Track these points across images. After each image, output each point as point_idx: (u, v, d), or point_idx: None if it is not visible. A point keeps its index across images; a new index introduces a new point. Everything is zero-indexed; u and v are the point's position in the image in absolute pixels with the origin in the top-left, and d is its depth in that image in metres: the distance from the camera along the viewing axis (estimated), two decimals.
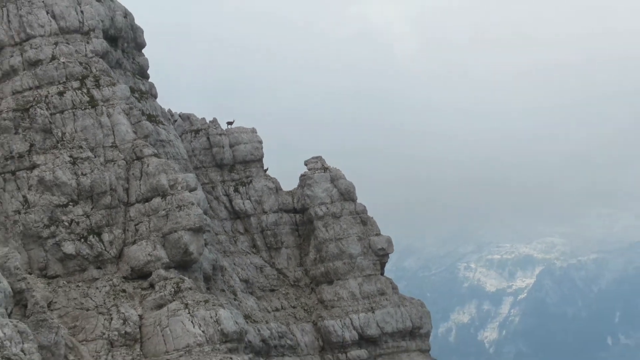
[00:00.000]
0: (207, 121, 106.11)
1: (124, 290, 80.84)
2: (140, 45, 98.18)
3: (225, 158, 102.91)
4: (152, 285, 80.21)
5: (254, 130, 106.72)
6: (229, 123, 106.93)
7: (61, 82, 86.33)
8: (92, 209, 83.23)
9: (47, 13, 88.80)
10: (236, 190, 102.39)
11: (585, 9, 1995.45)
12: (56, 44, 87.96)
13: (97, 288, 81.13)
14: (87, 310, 78.89)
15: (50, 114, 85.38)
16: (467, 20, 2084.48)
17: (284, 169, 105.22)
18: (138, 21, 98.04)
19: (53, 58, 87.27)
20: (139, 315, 78.13)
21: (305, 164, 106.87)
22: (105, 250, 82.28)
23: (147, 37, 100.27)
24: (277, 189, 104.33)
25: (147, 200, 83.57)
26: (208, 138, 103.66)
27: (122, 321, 77.30)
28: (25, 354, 58.33)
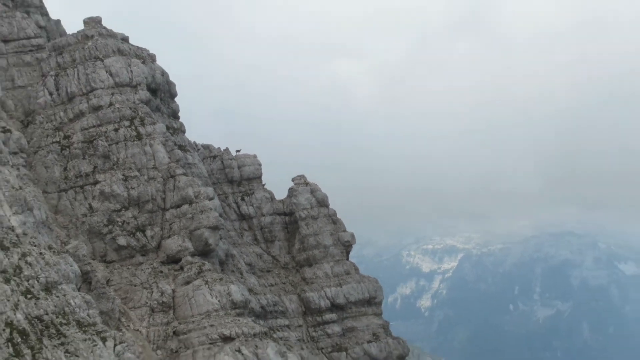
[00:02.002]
0: (222, 150, 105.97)
1: (161, 271, 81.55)
2: (173, 95, 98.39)
3: (235, 176, 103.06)
4: (181, 268, 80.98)
5: (255, 156, 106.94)
6: (237, 151, 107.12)
7: (116, 121, 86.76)
8: (138, 213, 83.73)
9: (106, 72, 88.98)
10: (242, 199, 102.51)
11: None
12: (112, 94, 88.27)
13: (142, 270, 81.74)
14: (135, 285, 79.74)
15: (109, 145, 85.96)
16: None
17: (277, 184, 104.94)
18: (172, 77, 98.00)
19: (110, 104, 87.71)
20: (172, 289, 79.01)
21: (292, 180, 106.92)
22: (148, 242, 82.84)
23: (178, 88, 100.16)
24: (272, 198, 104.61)
25: (178, 206, 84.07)
26: (222, 162, 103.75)
27: (160, 294, 78.12)
28: (90, 317, 58.67)
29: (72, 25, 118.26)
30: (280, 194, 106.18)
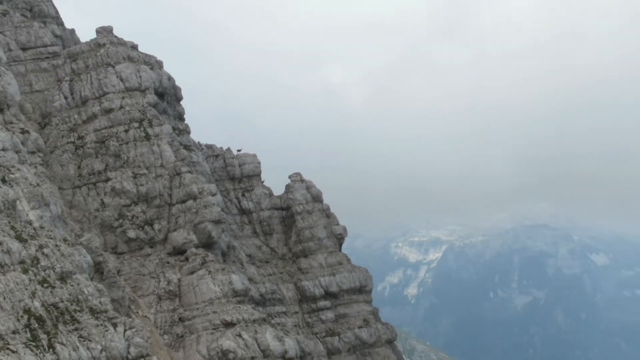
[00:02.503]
0: (224, 149, 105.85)
1: (168, 262, 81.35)
2: (179, 98, 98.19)
3: (236, 174, 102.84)
4: (187, 259, 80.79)
5: (255, 155, 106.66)
6: (238, 150, 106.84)
7: (126, 123, 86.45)
8: (147, 207, 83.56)
9: (117, 77, 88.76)
10: (243, 195, 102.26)
11: None
12: (123, 97, 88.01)
13: (150, 260, 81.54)
14: (143, 275, 79.60)
15: (119, 145, 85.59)
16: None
17: (274, 181, 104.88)
18: (178, 82, 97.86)
19: (121, 107, 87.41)
20: (178, 278, 78.91)
21: (289, 178, 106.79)
22: (155, 235, 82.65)
23: (183, 92, 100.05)
24: (270, 194, 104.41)
25: (184, 201, 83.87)
26: (224, 160, 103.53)
27: (166, 282, 77.98)
28: (101, 304, 58.67)
29: (86, 34, 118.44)
30: (278, 190, 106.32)
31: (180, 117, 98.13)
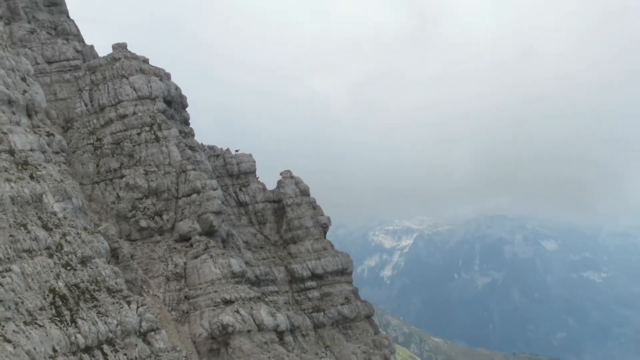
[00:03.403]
0: (223, 149, 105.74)
1: (175, 248, 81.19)
2: (184, 105, 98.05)
3: (234, 171, 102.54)
4: (191, 245, 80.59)
5: (250, 155, 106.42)
6: (236, 151, 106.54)
7: (139, 127, 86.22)
8: (156, 200, 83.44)
9: (130, 87, 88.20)
10: (240, 189, 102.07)
11: None
12: (136, 105, 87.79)
13: (159, 246, 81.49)
14: (153, 259, 79.52)
15: (132, 146, 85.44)
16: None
17: (267, 177, 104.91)
18: (184, 92, 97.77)
19: (134, 113, 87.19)
20: (183, 262, 78.64)
21: (281, 175, 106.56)
22: (164, 224, 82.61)
23: (188, 100, 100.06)
24: (264, 189, 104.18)
25: (189, 195, 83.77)
26: (224, 159, 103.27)
27: (174, 265, 77.84)
28: (117, 285, 58.83)
29: (103, 49, 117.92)
30: (271, 185, 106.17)
31: (185, 122, 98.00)
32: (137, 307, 60.25)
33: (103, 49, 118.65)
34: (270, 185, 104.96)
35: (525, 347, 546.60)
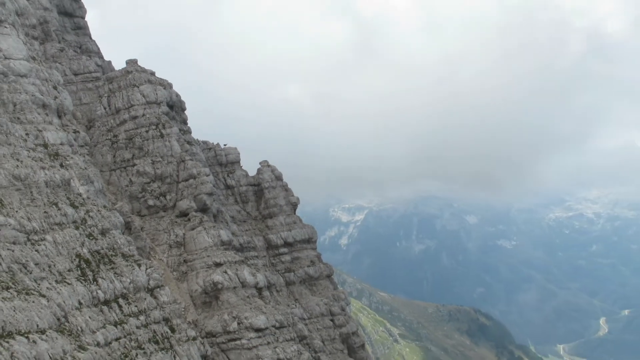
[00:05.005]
0: (214, 144, 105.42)
1: (176, 222, 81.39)
2: (183, 109, 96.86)
3: (223, 161, 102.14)
4: (189, 219, 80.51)
5: (236, 148, 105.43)
6: (225, 145, 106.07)
7: (147, 126, 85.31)
8: (161, 184, 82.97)
9: (140, 94, 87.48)
10: (227, 175, 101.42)
11: None
12: (144, 108, 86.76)
13: (163, 220, 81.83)
14: (159, 231, 79.88)
15: (142, 141, 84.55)
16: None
17: (249, 166, 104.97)
18: (183, 97, 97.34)
19: (143, 115, 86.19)
20: (183, 233, 78.46)
21: (260, 164, 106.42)
22: (167, 203, 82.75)
23: (187, 104, 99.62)
24: (247, 175, 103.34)
25: (187, 180, 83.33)
26: (215, 152, 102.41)
27: (175, 236, 77.93)
28: (130, 251, 60.88)
29: (119, 63, 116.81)
30: (252, 172, 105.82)
31: (184, 122, 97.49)
32: (146, 269, 60.21)
33: (119, 63, 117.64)
34: (252, 171, 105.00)
35: (452, 299, 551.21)
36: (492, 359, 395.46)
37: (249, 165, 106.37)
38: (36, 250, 48.66)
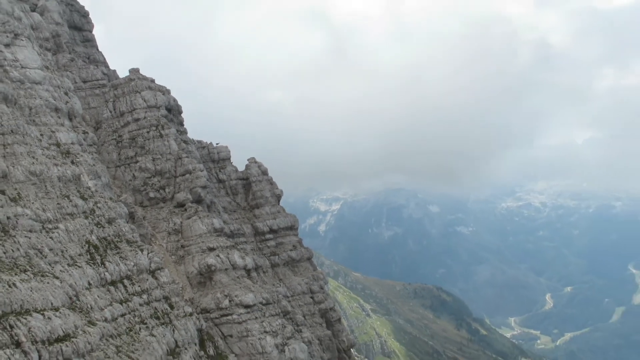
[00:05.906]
0: (208, 143, 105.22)
1: (174, 212, 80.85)
2: (180, 112, 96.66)
3: (215, 158, 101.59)
4: (185, 209, 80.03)
5: (227, 146, 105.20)
6: (217, 144, 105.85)
7: (148, 127, 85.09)
8: (161, 178, 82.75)
9: (142, 99, 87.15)
10: (219, 171, 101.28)
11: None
12: (145, 111, 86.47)
13: (163, 211, 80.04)
14: (159, 220, 78.60)
15: (144, 140, 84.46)
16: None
17: (239, 162, 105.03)
18: (180, 102, 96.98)
19: (144, 117, 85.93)
20: (180, 221, 78.09)
21: (248, 160, 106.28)
22: (166, 195, 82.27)
23: (183, 107, 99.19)
24: (237, 170, 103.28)
25: (183, 175, 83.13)
26: (208, 150, 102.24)
27: (173, 224, 77.38)
28: (133, 238, 61.00)
29: (123, 72, 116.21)
30: (241, 167, 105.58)
31: (181, 123, 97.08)
32: (148, 253, 60.12)
33: (123, 71, 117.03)
34: (241, 167, 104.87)
35: (417, 279, 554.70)
36: (452, 330, 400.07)
37: (238, 162, 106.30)
38: (50, 238, 48.50)
